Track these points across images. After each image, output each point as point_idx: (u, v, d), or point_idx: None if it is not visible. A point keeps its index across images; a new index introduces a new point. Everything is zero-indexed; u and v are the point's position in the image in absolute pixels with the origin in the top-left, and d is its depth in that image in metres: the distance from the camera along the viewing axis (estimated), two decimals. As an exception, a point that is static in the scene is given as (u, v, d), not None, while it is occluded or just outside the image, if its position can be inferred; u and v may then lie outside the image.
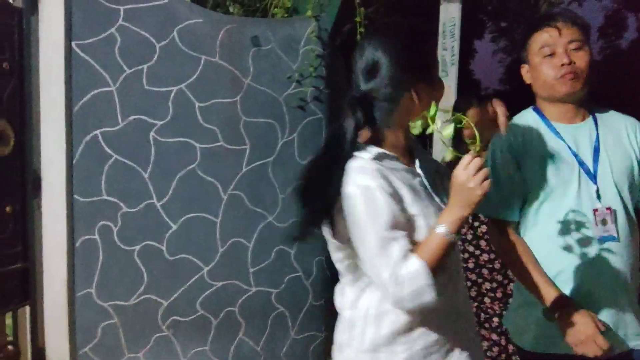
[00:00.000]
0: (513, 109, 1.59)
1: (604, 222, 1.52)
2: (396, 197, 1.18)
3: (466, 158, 1.17)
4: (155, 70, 2.37)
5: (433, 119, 1.19)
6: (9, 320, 2.46)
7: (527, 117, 1.65)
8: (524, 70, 1.66)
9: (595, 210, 1.52)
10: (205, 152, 2.43)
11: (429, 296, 1.14)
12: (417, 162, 1.32)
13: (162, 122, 2.38)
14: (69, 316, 2.36)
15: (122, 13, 2.32)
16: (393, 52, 1.23)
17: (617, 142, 1.59)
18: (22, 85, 2.27)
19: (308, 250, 2.65)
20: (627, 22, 13.94)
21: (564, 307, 1.47)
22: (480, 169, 1.15)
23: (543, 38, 1.57)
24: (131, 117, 2.35)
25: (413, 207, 1.21)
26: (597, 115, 1.63)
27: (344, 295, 1.35)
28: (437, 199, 1.29)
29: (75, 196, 2.32)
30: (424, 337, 1.24)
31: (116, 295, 2.38)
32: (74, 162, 2.32)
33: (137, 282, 2.39)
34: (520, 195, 1.60)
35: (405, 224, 1.19)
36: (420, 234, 1.21)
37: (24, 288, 2.34)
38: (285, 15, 3.07)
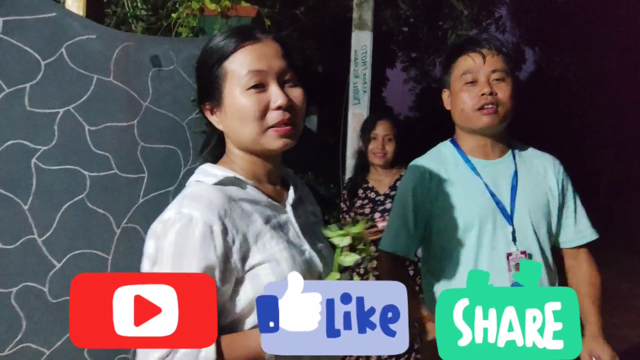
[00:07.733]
0: (424, 136, 1.53)
1: (517, 267, 1.42)
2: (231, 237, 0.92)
3: None
4: (40, 90, 2.12)
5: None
6: None
7: (443, 151, 1.55)
8: (445, 95, 1.54)
9: (509, 255, 1.42)
10: (96, 180, 2.19)
11: None
12: (290, 198, 1.06)
13: (45, 148, 2.13)
14: None
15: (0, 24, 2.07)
16: None
17: (535, 180, 1.50)
18: None
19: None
20: (525, 55, 14.89)
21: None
22: None
23: (467, 64, 1.45)
24: (9, 142, 2.09)
25: (260, 253, 0.95)
26: (516, 151, 1.55)
27: None
28: (305, 243, 1.03)
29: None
30: None
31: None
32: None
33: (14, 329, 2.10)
34: (423, 233, 1.51)
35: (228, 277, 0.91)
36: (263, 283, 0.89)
37: None
38: (191, 34, 2.91)
